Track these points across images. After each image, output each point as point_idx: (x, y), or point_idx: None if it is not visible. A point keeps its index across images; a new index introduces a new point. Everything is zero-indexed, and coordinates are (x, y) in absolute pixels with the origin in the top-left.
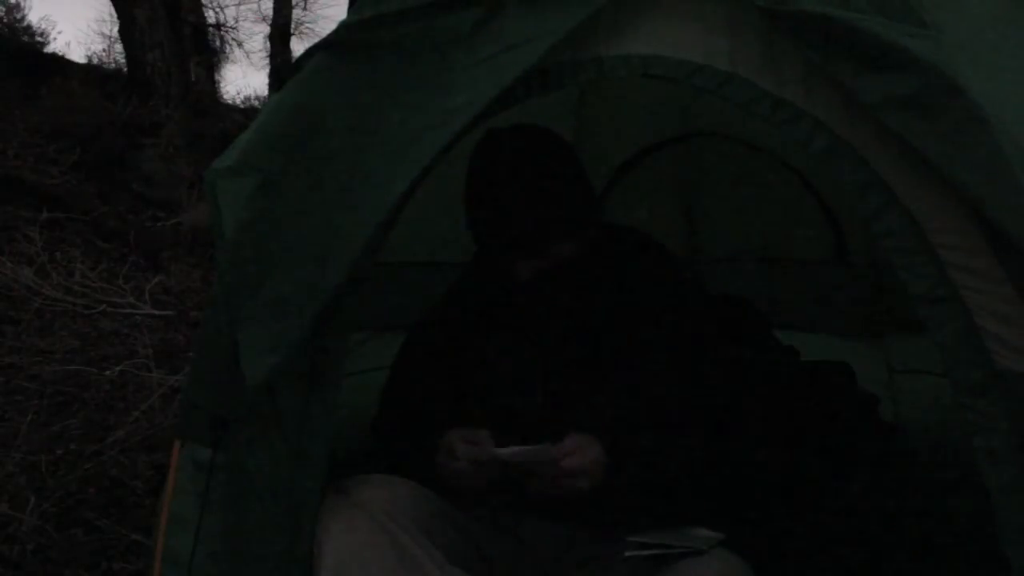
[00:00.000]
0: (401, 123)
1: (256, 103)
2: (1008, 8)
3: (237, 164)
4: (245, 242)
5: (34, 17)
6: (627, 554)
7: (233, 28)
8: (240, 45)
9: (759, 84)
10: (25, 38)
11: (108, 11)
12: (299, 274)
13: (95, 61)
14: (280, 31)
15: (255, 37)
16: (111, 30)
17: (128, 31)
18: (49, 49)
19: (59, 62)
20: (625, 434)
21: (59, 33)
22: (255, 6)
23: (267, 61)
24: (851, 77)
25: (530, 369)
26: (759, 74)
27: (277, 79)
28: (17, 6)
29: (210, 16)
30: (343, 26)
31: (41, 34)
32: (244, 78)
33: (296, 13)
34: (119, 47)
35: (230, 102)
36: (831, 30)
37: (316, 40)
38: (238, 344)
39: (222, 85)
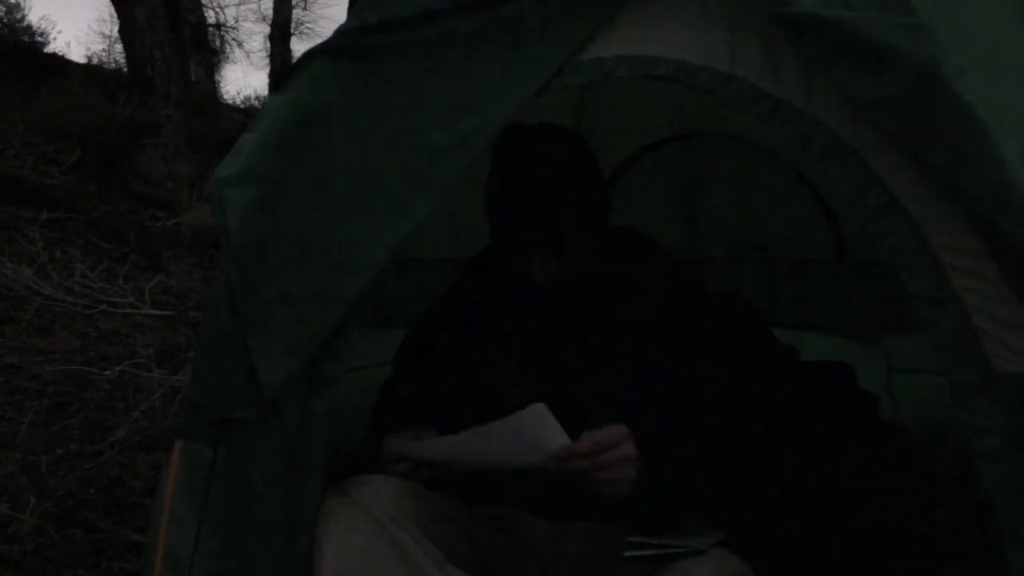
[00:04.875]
0: (412, 135)
1: (256, 103)
2: (1008, 8)
3: (242, 172)
4: (252, 249)
5: (34, 17)
6: (626, 554)
7: (233, 28)
8: (240, 45)
9: (759, 85)
10: (25, 38)
11: (108, 11)
12: (311, 282)
13: (95, 61)
14: (280, 31)
15: (255, 37)
16: (111, 30)
17: (128, 31)
18: (49, 49)
19: (59, 62)
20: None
21: (59, 33)
22: (255, 6)
23: (267, 61)
24: (848, 77)
25: (537, 370)
26: (759, 75)
27: (277, 79)
28: (17, 6)
29: (210, 16)
30: (344, 31)
31: (41, 34)
32: (244, 78)
33: (296, 13)
34: (119, 47)
35: (230, 102)
36: (830, 31)
37: (316, 40)
38: (251, 350)
39: (222, 85)
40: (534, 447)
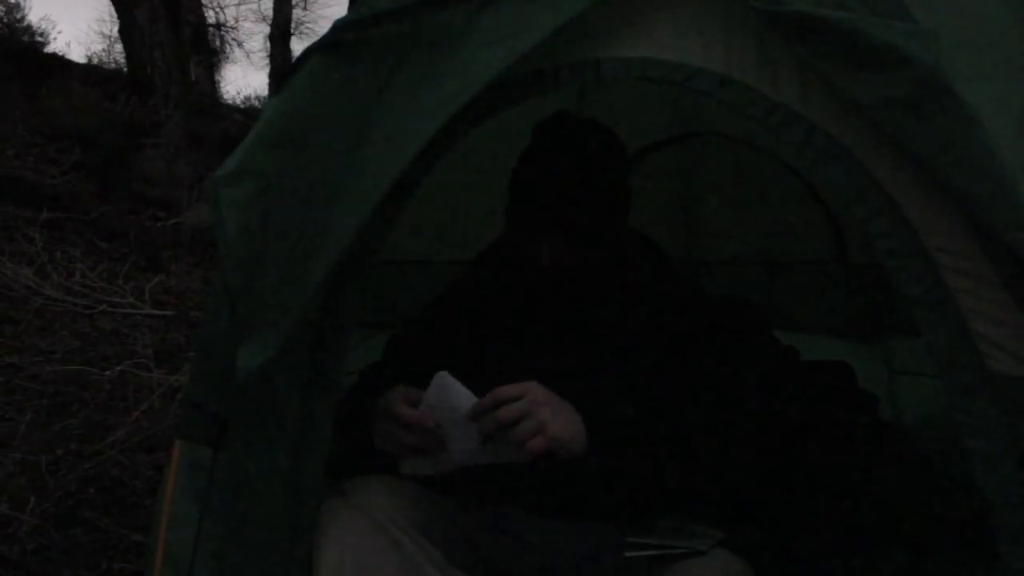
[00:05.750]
0: (393, 120)
1: (256, 103)
2: (1006, 8)
3: (238, 170)
4: (248, 246)
5: (34, 17)
6: (627, 554)
7: (233, 28)
8: (240, 45)
9: (755, 87)
10: (25, 38)
11: (108, 11)
12: (296, 275)
13: (95, 61)
14: (280, 31)
15: (255, 37)
16: (111, 30)
17: (128, 31)
18: (49, 49)
19: (59, 62)
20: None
21: (59, 33)
22: (255, 6)
23: (267, 61)
24: (846, 78)
25: (528, 357)
26: (755, 77)
27: (277, 79)
28: (17, 6)
29: (210, 16)
30: (337, 27)
31: (41, 34)
32: (244, 78)
33: (296, 13)
34: (119, 47)
35: (230, 102)
36: (826, 31)
37: (316, 40)
38: (244, 346)
39: (222, 85)
40: (457, 419)
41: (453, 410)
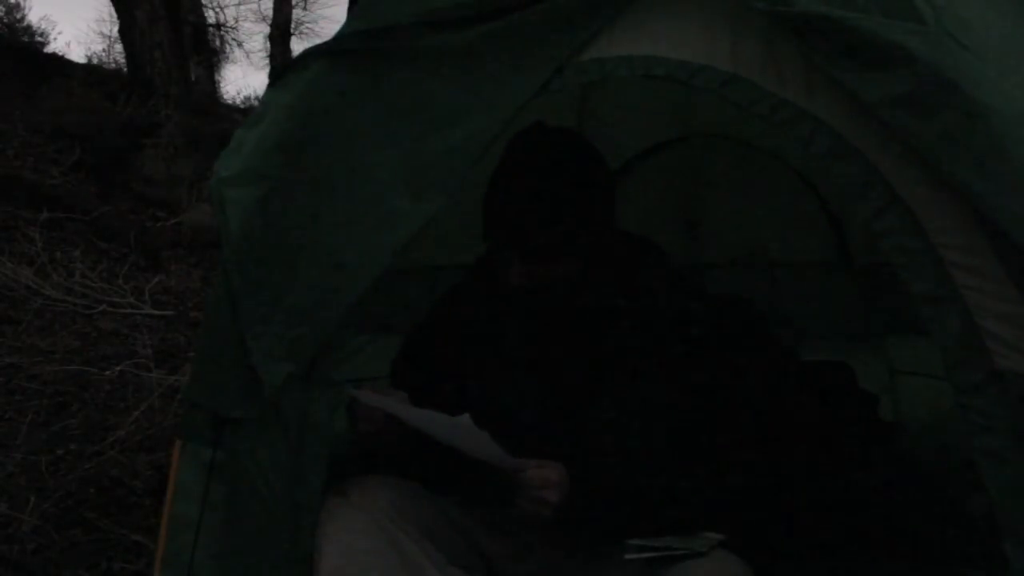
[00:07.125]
0: (412, 140)
1: (256, 103)
2: (1016, 6)
3: (242, 171)
4: (252, 249)
5: (34, 17)
6: (627, 556)
7: (233, 28)
8: (240, 45)
9: (760, 84)
10: (25, 38)
11: (108, 11)
12: (313, 284)
13: (95, 61)
14: (280, 31)
15: (255, 37)
16: (111, 30)
17: (128, 31)
18: (49, 49)
19: (59, 62)
20: (597, 462)
21: (59, 33)
22: (255, 6)
23: (267, 61)
24: (851, 76)
25: (518, 382)
26: (760, 74)
27: (276, 78)
28: (17, 6)
29: (210, 16)
30: (347, 35)
31: (41, 34)
32: (244, 78)
33: (296, 13)
34: (119, 47)
35: (230, 102)
36: (831, 30)
37: (316, 40)
38: (251, 351)
39: (222, 85)
40: (415, 416)
41: (409, 413)
